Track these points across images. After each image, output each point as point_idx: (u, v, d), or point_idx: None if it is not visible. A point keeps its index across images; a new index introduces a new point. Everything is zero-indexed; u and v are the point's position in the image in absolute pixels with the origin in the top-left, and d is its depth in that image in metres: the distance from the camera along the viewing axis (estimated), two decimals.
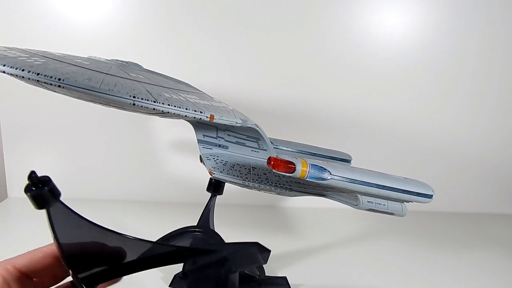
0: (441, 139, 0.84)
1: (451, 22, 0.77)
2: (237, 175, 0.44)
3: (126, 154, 0.77)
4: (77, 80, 0.22)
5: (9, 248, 0.55)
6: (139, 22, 0.71)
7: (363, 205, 0.41)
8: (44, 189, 0.19)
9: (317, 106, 0.78)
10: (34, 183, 0.19)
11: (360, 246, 0.64)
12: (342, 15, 0.75)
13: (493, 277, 0.56)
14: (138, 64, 0.40)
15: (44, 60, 0.26)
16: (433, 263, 0.59)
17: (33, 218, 0.66)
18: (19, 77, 0.23)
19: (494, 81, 0.81)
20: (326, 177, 0.36)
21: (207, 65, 0.74)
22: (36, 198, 0.19)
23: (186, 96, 0.30)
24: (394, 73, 0.79)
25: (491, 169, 0.86)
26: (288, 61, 0.76)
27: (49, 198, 0.20)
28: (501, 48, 0.80)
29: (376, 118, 0.80)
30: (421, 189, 0.42)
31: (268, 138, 0.43)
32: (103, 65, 0.31)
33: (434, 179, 0.51)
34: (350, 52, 0.77)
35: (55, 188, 0.20)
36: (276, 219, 0.75)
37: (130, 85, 0.25)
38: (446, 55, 0.79)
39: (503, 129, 0.84)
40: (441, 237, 0.71)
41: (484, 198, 0.88)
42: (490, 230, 0.77)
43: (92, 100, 0.30)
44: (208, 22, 0.72)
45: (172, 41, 0.73)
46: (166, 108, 0.23)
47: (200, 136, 0.45)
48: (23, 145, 0.74)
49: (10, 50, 0.30)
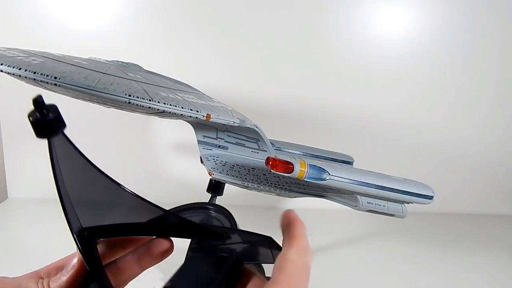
0: (441, 140, 0.83)
1: (448, 21, 0.77)
2: (236, 176, 0.44)
3: (126, 155, 0.77)
4: (73, 79, 0.22)
5: (9, 248, 0.55)
6: (140, 23, 0.71)
7: (363, 206, 0.41)
8: (49, 115, 0.18)
9: (318, 107, 0.78)
10: (39, 108, 0.17)
11: (360, 247, 0.63)
12: (340, 16, 0.75)
13: (493, 277, 0.56)
14: (138, 65, 0.40)
15: (43, 60, 0.27)
16: (433, 263, 0.59)
17: (33, 218, 0.66)
18: (16, 76, 0.23)
19: (495, 82, 0.81)
20: (325, 178, 0.36)
21: (207, 66, 0.74)
22: (38, 125, 0.17)
23: (183, 95, 0.30)
24: (395, 74, 0.79)
25: (490, 170, 0.86)
26: (288, 62, 0.76)
27: (52, 127, 0.18)
28: (498, 46, 0.79)
29: (377, 119, 0.80)
30: (421, 190, 0.42)
31: (268, 139, 0.43)
32: (102, 65, 0.31)
33: (434, 180, 0.51)
34: (349, 53, 0.76)
35: (61, 118, 0.18)
36: (276, 220, 0.74)
37: (126, 84, 0.25)
38: (444, 55, 0.79)
39: (503, 130, 0.84)
40: (441, 238, 0.71)
41: (484, 199, 0.87)
42: (490, 231, 0.76)
43: (90, 100, 0.30)
44: (208, 24, 0.72)
45: (172, 42, 0.73)
46: (162, 106, 0.23)
47: (200, 137, 0.45)
48: (23, 146, 0.74)
49: (9, 50, 0.30)
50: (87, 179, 0.21)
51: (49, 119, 0.18)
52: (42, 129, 0.18)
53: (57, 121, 0.18)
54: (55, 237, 0.60)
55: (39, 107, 0.17)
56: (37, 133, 0.18)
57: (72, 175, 0.21)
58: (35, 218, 0.66)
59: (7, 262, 0.51)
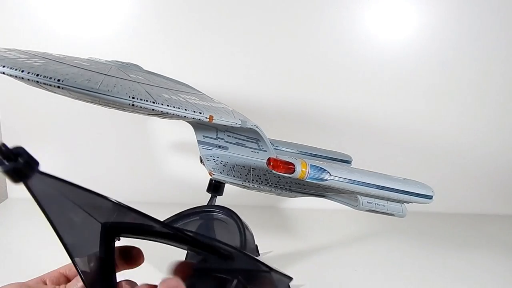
0: (441, 140, 0.83)
1: (455, 24, 0.77)
2: (237, 176, 0.44)
3: (126, 155, 0.77)
4: (76, 81, 0.22)
5: (9, 248, 0.55)
6: (140, 23, 0.71)
7: (363, 206, 0.41)
8: (18, 161, 0.17)
9: (318, 107, 0.78)
10: (6, 156, 0.17)
11: (360, 247, 0.64)
12: (343, 17, 0.75)
13: (493, 277, 0.56)
14: (138, 65, 0.40)
15: (44, 61, 0.26)
16: (433, 264, 0.59)
17: (33, 219, 0.66)
18: (18, 78, 0.23)
19: (495, 84, 0.81)
20: (325, 178, 0.36)
21: (207, 66, 0.74)
22: (11, 173, 0.17)
23: (185, 97, 0.30)
24: (395, 75, 0.79)
25: (491, 170, 0.86)
26: (289, 63, 0.76)
27: (26, 171, 0.17)
28: (503, 51, 0.79)
29: (377, 119, 0.80)
30: (421, 190, 0.42)
31: (268, 139, 0.43)
32: (103, 66, 0.31)
33: (434, 180, 0.51)
34: (351, 54, 0.76)
35: (32, 158, 0.18)
36: (276, 220, 0.75)
37: (129, 86, 0.25)
38: (447, 58, 0.79)
39: (503, 130, 0.84)
40: (441, 238, 0.71)
41: (484, 199, 0.87)
42: (490, 231, 0.77)
43: (92, 101, 0.30)
44: (208, 25, 0.72)
45: (172, 42, 0.73)
46: (165, 108, 0.23)
47: (200, 137, 0.45)
48: (23, 145, 0.74)
49: (10, 51, 0.30)
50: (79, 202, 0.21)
51: (20, 165, 0.17)
52: (17, 175, 0.17)
53: (28, 163, 0.17)
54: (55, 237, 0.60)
55: (6, 156, 0.17)
56: (14, 180, 0.17)
57: (60, 205, 0.20)
58: (35, 218, 0.65)
59: (7, 262, 0.51)
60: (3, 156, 0.17)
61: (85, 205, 0.21)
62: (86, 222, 0.22)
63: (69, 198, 0.21)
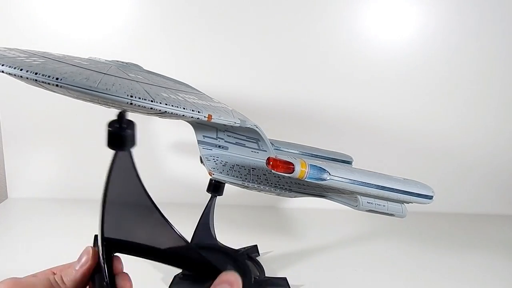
0: (442, 140, 0.83)
1: (457, 25, 0.77)
2: (236, 176, 0.44)
3: None
4: (74, 80, 0.22)
5: (9, 248, 0.55)
6: (140, 23, 0.71)
7: (363, 206, 0.41)
8: (127, 130, 0.18)
9: (318, 107, 0.78)
10: (120, 121, 0.18)
11: (360, 247, 0.63)
12: (343, 16, 0.75)
13: (493, 277, 0.56)
14: (138, 65, 0.40)
15: (43, 60, 0.26)
16: (434, 264, 0.59)
17: (33, 219, 0.66)
18: (17, 77, 0.23)
19: (497, 84, 0.81)
20: (325, 178, 0.36)
21: (207, 66, 0.74)
22: (114, 136, 0.18)
23: (184, 96, 0.30)
24: (396, 75, 0.79)
25: (492, 170, 0.86)
26: (289, 62, 0.76)
27: (126, 141, 0.19)
28: (503, 51, 0.79)
29: (377, 119, 0.80)
30: (421, 190, 0.42)
31: (268, 139, 0.43)
32: (102, 65, 0.31)
33: (435, 180, 0.51)
34: (352, 53, 0.76)
35: (135, 137, 0.19)
36: (276, 219, 0.75)
37: (128, 84, 0.25)
38: (448, 57, 0.79)
39: (504, 130, 0.84)
40: (441, 238, 0.71)
41: (485, 199, 0.87)
42: (490, 231, 0.76)
43: (91, 100, 0.30)
44: (208, 25, 0.72)
45: (172, 42, 0.73)
46: (164, 107, 0.23)
47: (200, 137, 0.45)
48: (24, 146, 0.74)
49: (9, 50, 0.30)
50: (131, 193, 0.22)
51: (126, 134, 0.19)
52: (116, 140, 0.19)
53: (131, 137, 0.19)
54: (55, 237, 0.60)
55: (121, 120, 0.18)
56: (110, 143, 0.19)
57: (119, 187, 0.21)
58: (35, 218, 0.66)
59: (7, 262, 0.51)
60: (119, 120, 0.18)
61: (133, 196, 0.22)
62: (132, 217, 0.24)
63: (132, 192, 0.22)
